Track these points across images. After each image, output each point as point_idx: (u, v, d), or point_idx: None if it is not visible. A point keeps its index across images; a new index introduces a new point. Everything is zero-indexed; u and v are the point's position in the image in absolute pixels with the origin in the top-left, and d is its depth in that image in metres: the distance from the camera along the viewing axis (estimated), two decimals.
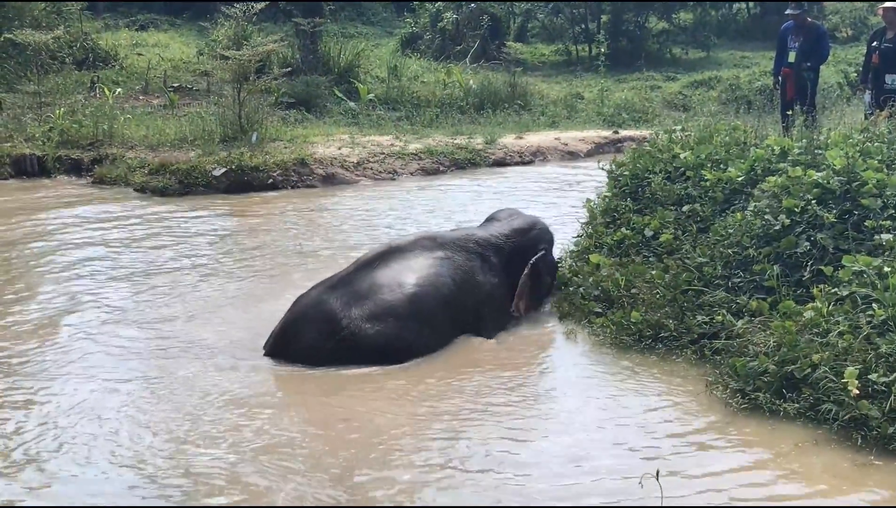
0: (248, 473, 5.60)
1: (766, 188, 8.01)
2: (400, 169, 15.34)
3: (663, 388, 6.94)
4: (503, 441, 6.08)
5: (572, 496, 5.40)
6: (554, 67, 26.88)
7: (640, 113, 20.66)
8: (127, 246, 10.80)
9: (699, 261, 7.87)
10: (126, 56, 21.80)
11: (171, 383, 6.93)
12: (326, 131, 16.89)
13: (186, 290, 9.21)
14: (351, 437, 6.10)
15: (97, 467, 5.71)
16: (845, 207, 7.45)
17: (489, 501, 5.34)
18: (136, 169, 14.06)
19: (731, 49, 28.69)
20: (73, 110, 16.35)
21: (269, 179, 13.99)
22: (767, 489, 5.53)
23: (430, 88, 20.96)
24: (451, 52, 25.08)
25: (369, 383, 6.95)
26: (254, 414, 6.40)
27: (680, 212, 8.75)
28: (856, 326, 6.35)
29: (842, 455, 5.83)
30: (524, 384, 7.09)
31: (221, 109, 15.99)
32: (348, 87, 19.92)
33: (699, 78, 23.83)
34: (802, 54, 13.64)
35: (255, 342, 7.59)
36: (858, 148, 8.12)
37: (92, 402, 6.60)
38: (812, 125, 10.53)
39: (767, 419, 6.28)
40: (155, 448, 5.91)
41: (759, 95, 20.60)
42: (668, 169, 9.38)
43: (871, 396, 5.93)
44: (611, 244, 8.91)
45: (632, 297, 7.96)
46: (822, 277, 7.03)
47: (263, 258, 10.39)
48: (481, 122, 18.98)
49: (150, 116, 17.15)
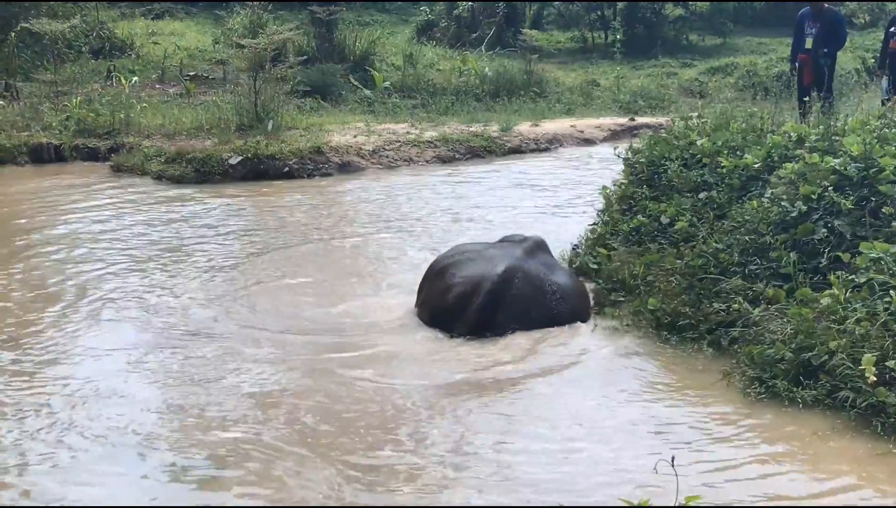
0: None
1: (783, 175, 7.99)
2: (415, 157, 15.33)
3: (681, 376, 6.95)
4: (521, 427, 6.11)
5: (587, 482, 5.42)
6: (570, 54, 26.82)
7: (656, 100, 20.63)
8: (144, 231, 10.85)
9: (715, 248, 7.86)
10: (142, 45, 21.83)
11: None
12: (342, 119, 16.90)
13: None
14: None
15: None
16: (863, 193, 7.42)
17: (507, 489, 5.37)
18: (153, 157, 14.09)
19: (747, 35, 28.57)
20: (90, 99, 16.40)
21: (285, 168, 13.99)
22: (784, 477, 5.52)
23: (445, 75, 20.94)
24: (467, 40, 25.04)
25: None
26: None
27: (696, 199, 8.73)
28: (873, 313, 6.33)
29: (860, 442, 5.82)
30: (542, 370, 7.10)
31: (237, 97, 16.02)
32: (364, 75, 19.91)
33: (716, 65, 23.76)
34: (819, 40, 13.58)
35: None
36: (876, 134, 8.08)
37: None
38: (829, 112, 10.50)
39: (785, 406, 6.27)
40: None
41: (776, 81, 20.47)
42: (684, 156, 9.35)
43: (889, 383, 5.91)
44: (627, 231, 8.90)
45: (648, 285, 7.96)
46: (840, 264, 7.01)
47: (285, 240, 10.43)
48: (497, 109, 18.96)
49: (167, 104, 17.19)
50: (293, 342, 7.58)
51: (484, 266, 7.78)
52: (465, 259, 8.03)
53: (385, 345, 7.50)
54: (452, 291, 7.74)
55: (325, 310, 8.37)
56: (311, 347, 7.51)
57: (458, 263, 8.01)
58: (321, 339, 7.69)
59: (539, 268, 7.89)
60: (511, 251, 7.99)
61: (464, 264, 7.95)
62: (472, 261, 7.96)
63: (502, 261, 7.76)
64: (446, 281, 7.86)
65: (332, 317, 8.20)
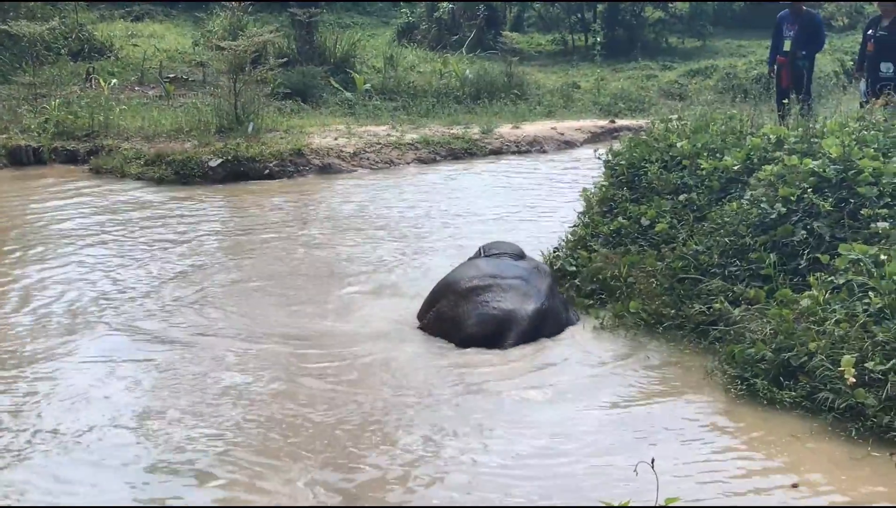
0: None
1: (763, 177, 8.02)
2: (396, 159, 15.31)
3: (662, 377, 6.97)
4: (502, 429, 6.12)
5: (567, 483, 5.43)
6: (550, 57, 26.84)
7: (636, 102, 20.64)
8: (120, 234, 10.80)
9: (695, 250, 7.88)
10: (121, 47, 21.73)
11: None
12: (323, 122, 16.87)
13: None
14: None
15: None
16: (841, 195, 7.46)
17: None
18: (133, 160, 14.02)
19: (727, 38, 28.64)
20: (69, 101, 16.31)
21: (266, 170, 13.96)
22: (764, 479, 5.54)
23: (426, 77, 20.92)
24: (448, 42, 25.02)
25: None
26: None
27: (676, 201, 8.75)
28: (852, 314, 6.36)
29: (838, 444, 5.85)
30: (524, 370, 7.11)
31: (217, 99, 15.96)
32: (344, 77, 19.87)
33: (695, 67, 23.79)
34: (798, 43, 13.63)
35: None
36: (854, 136, 8.12)
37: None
38: (808, 114, 10.54)
39: (765, 407, 6.30)
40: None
41: (755, 83, 20.57)
42: (664, 158, 9.37)
43: (868, 384, 5.94)
44: (607, 233, 8.91)
45: (629, 286, 7.98)
46: (819, 265, 7.04)
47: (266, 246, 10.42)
48: (478, 111, 18.95)
49: (146, 106, 17.10)
50: (272, 349, 7.58)
51: (516, 301, 7.65)
52: (495, 285, 7.75)
53: (383, 352, 7.51)
54: (483, 319, 7.59)
55: (307, 313, 8.38)
56: (295, 354, 7.51)
57: (488, 288, 7.75)
58: (306, 343, 7.71)
59: (555, 303, 7.88)
60: (536, 284, 7.86)
61: (495, 292, 7.71)
62: (503, 291, 7.72)
63: (534, 299, 7.69)
64: (476, 306, 7.66)
65: (315, 321, 8.22)
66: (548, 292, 7.82)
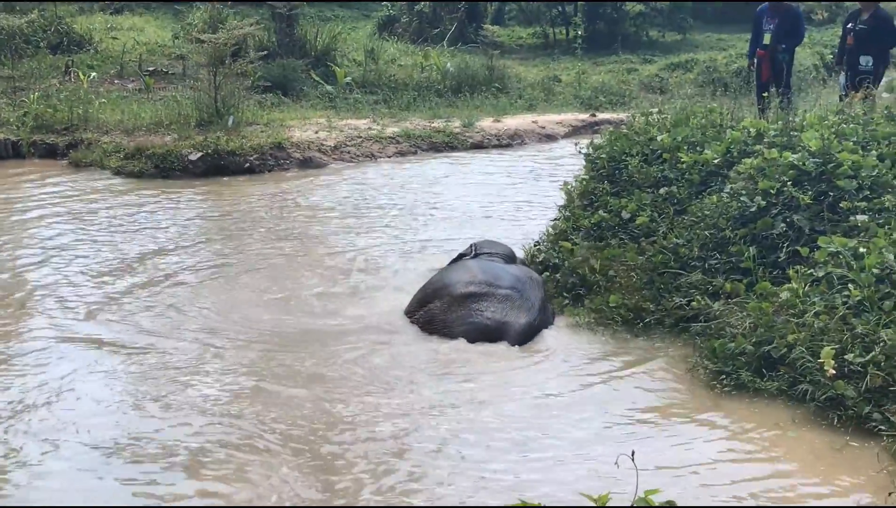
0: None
1: (742, 170, 8.04)
2: (377, 152, 15.29)
3: (642, 369, 6.99)
4: (484, 422, 6.13)
5: (548, 476, 5.44)
6: (531, 50, 26.83)
7: (617, 96, 20.66)
8: (101, 228, 10.76)
9: (676, 243, 7.90)
10: (101, 40, 21.59)
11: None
12: (303, 115, 16.83)
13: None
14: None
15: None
16: (821, 188, 7.48)
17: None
18: (112, 153, 13.96)
19: (707, 32, 28.70)
20: (48, 95, 16.22)
21: (246, 164, 13.92)
22: (744, 470, 5.57)
23: (407, 71, 20.89)
24: (429, 35, 24.97)
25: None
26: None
27: (657, 194, 8.76)
28: (832, 306, 6.39)
29: (819, 435, 5.88)
30: (504, 366, 7.12)
31: (197, 92, 15.90)
32: (325, 70, 19.81)
33: (676, 60, 23.82)
34: (777, 36, 13.65)
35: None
36: (834, 130, 8.16)
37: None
38: (787, 107, 10.57)
39: (747, 399, 6.33)
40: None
41: (735, 77, 20.62)
42: (644, 152, 9.38)
43: (847, 376, 5.98)
44: (588, 227, 8.91)
45: (609, 280, 7.99)
46: (798, 258, 7.07)
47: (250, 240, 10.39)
48: (459, 105, 18.93)
49: (126, 100, 17.03)
50: (249, 345, 7.57)
51: (510, 313, 7.58)
52: (490, 294, 7.67)
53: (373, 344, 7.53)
54: (476, 328, 7.52)
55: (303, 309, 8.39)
56: (273, 348, 7.51)
57: (484, 296, 7.66)
58: (285, 338, 7.70)
59: (546, 316, 7.87)
60: (530, 296, 7.82)
61: (490, 301, 7.63)
62: (498, 301, 7.64)
63: (527, 313, 7.65)
64: (470, 313, 7.59)
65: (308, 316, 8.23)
66: (540, 306, 7.81)
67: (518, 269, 8.21)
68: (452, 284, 7.85)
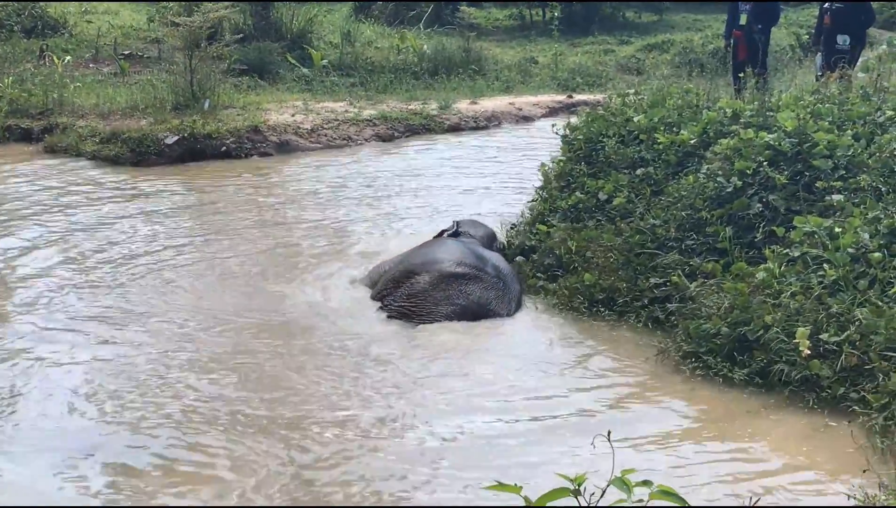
0: None
1: (719, 151, 8.05)
2: (354, 135, 15.24)
3: (615, 352, 7.02)
4: (458, 403, 6.15)
5: (523, 459, 5.46)
6: (508, 32, 26.82)
7: (594, 77, 20.68)
8: (76, 214, 10.71)
9: (652, 224, 7.92)
10: (75, 23, 21.47)
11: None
12: (279, 98, 16.76)
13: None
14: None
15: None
16: (797, 168, 7.51)
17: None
18: (88, 138, 13.87)
19: (684, 12, 28.75)
20: (23, 79, 16.12)
21: (223, 147, 13.85)
22: (720, 452, 5.60)
23: (383, 53, 20.82)
24: (405, 17, 24.90)
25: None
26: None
27: (633, 175, 8.77)
28: (807, 286, 6.42)
29: (794, 416, 5.91)
30: (475, 349, 7.13)
31: (173, 76, 15.80)
32: (301, 53, 19.73)
33: (652, 41, 23.87)
34: (753, 17, 13.69)
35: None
36: (809, 110, 8.18)
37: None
38: (763, 87, 10.59)
39: (720, 382, 6.35)
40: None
41: (711, 57, 20.68)
42: (621, 133, 9.38)
43: (823, 356, 6.01)
44: (565, 208, 8.92)
45: (586, 261, 8.00)
46: (774, 238, 7.10)
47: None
48: (436, 87, 18.91)
49: (101, 84, 16.90)
50: (230, 328, 7.56)
51: (494, 301, 7.62)
52: (479, 278, 7.66)
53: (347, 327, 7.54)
54: (463, 310, 7.52)
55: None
56: (254, 331, 7.50)
57: (474, 279, 7.64)
58: (277, 322, 7.70)
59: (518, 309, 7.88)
60: (513, 287, 7.88)
61: (478, 286, 7.62)
62: (485, 287, 7.64)
63: (508, 304, 7.70)
64: (458, 294, 7.57)
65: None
66: (519, 299, 7.87)
67: (498, 259, 8.22)
68: (440, 260, 7.78)
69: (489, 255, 8.13)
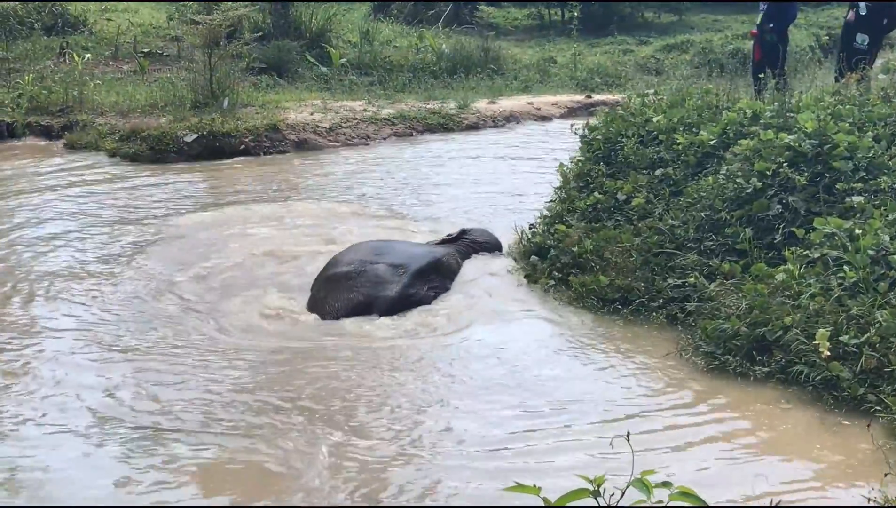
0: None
1: (738, 151, 8.03)
2: (373, 134, 15.25)
3: (633, 351, 6.99)
4: (474, 401, 6.15)
5: (541, 457, 5.46)
6: (527, 32, 26.79)
7: (612, 77, 20.62)
8: (95, 208, 10.76)
9: (671, 224, 7.90)
10: (95, 21, 21.54)
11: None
12: (298, 97, 16.78)
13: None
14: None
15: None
16: (817, 169, 7.48)
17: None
18: (107, 135, 13.92)
19: (703, 13, 28.65)
20: (43, 77, 16.19)
21: (242, 145, 13.88)
22: (738, 451, 5.58)
23: (402, 52, 20.83)
24: (424, 17, 24.90)
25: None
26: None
27: (652, 176, 8.76)
28: (827, 288, 6.39)
29: (812, 416, 5.89)
30: (494, 347, 7.13)
31: (192, 74, 15.84)
32: (320, 52, 19.76)
33: (672, 42, 23.80)
34: (768, 17, 13.62)
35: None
36: (830, 111, 8.15)
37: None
38: (783, 88, 10.55)
39: (738, 382, 6.33)
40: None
41: (731, 58, 20.61)
42: (640, 133, 9.37)
43: (842, 357, 5.99)
44: (583, 208, 8.91)
45: (603, 261, 7.98)
46: (794, 239, 7.07)
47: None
48: (454, 86, 18.89)
49: (121, 81, 16.98)
50: (238, 332, 7.58)
51: (378, 287, 7.83)
52: (364, 271, 7.93)
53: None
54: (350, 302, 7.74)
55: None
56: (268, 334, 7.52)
57: (360, 274, 7.92)
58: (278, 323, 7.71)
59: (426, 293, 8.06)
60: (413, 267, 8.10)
61: (363, 278, 7.88)
62: (368, 278, 7.89)
63: (396, 285, 7.85)
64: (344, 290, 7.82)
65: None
66: (417, 281, 7.99)
67: (424, 249, 8.52)
68: (332, 264, 8.21)
69: (399, 246, 8.54)
